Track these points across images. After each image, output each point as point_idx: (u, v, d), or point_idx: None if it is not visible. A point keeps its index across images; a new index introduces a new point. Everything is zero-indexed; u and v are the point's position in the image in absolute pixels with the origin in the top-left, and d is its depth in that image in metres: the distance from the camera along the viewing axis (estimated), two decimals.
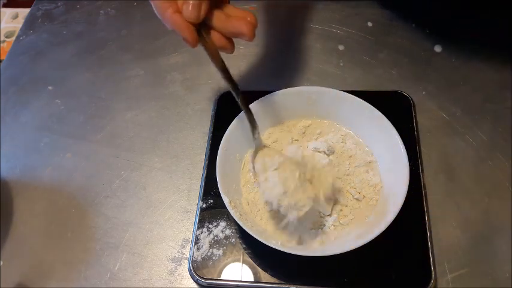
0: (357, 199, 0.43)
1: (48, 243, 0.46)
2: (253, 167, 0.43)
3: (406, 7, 0.61)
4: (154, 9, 0.39)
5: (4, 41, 1.03)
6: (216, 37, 0.39)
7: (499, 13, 0.58)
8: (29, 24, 0.67)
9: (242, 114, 0.46)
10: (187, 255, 0.44)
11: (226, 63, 0.41)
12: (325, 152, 0.46)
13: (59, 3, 0.69)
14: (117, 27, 0.65)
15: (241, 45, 0.60)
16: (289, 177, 0.39)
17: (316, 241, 0.41)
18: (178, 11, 0.38)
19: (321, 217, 0.42)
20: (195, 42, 0.38)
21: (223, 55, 0.41)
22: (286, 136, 0.48)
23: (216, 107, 0.53)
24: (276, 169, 0.40)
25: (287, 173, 0.39)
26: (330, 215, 0.42)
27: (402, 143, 0.42)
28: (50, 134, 0.55)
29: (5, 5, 1.09)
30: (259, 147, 0.43)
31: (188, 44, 0.39)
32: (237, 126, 0.46)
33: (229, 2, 0.41)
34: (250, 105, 0.44)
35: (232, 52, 0.41)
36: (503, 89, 0.52)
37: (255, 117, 0.43)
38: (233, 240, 0.43)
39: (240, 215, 0.41)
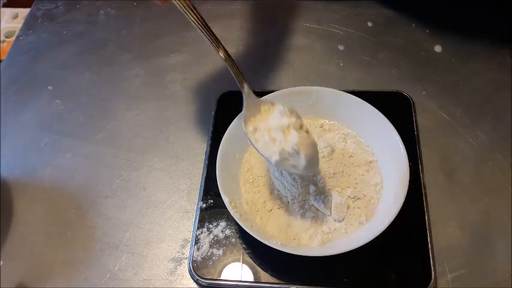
0: (357, 198, 0.43)
1: (48, 243, 0.46)
2: (245, 128, 0.41)
3: (406, 7, 0.61)
4: None
5: (4, 41, 1.03)
6: None
7: (499, 13, 0.58)
8: (29, 24, 0.67)
9: (242, 114, 0.46)
10: (187, 255, 0.44)
11: (225, 62, 0.41)
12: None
13: (59, 3, 0.69)
14: (117, 27, 0.65)
15: (240, 45, 0.60)
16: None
17: (316, 241, 0.41)
18: None
19: (321, 217, 0.42)
20: None
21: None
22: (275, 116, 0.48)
23: (216, 107, 0.53)
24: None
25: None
26: (329, 215, 0.42)
27: (402, 143, 0.42)
28: (50, 134, 0.55)
29: (5, 5, 1.09)
30: (252, 107, 0.42)
31: (158, 2, 0.37)
32: (237, 126, 0.46)
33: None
34: None
35: None
36: (503, 89, 0.52)
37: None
38: (233, 240, 0.43)
39: (240, 215, 0.41)
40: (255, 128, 0.41)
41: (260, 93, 0.47)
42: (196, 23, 0.39)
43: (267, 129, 0.40)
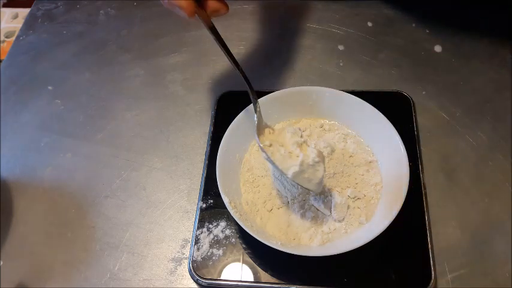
0: (357, 198, 0.43)
1: (48, 243, 0.46)
2: (259, 140, 0.43)
3: (406, 7, 0.61)
4: None
5: (4, 41, 1.03)
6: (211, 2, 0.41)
7: (499, 13, 0.58)
8: (29, 24, 0.67)
9: (242, 114, 0.46)
10: (187, 255, 0.44)
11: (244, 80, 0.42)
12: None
13: (59, 3, 0.69)
14: (117, 27, 0.65)
15: (241, 45, 0.60)
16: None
17: (316, 241, 0.41)
18: None
19: (321, 217, 0.42)
20: (192, 10, 0.39)
21: None
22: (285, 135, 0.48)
23: (216, 107, 0.53)
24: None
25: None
26: (329, 215, 0.42)
27: (402, 143, 0.42)
28: (50, 134, 0.55)
29: (5, 5, 1.09)
30: (260, 125, 0.44)
31: (184, 14, 0.39)
32: (237, 126, 0.46)
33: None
34: (251, 105, 0.45)
35: (226, 11, 0.42)
36: (503, 89, 0.52)
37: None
38: (233, 240, 0.43)
39: (240, 215, 0.41)
40: (270, 143, 0.42)
41: (260, 93, 0.48)
42: (218, 42, 0.42)
43: (282, 145, 0.41)
